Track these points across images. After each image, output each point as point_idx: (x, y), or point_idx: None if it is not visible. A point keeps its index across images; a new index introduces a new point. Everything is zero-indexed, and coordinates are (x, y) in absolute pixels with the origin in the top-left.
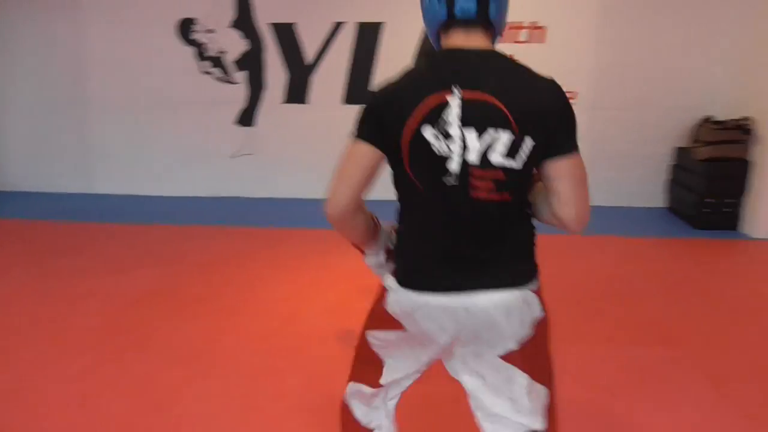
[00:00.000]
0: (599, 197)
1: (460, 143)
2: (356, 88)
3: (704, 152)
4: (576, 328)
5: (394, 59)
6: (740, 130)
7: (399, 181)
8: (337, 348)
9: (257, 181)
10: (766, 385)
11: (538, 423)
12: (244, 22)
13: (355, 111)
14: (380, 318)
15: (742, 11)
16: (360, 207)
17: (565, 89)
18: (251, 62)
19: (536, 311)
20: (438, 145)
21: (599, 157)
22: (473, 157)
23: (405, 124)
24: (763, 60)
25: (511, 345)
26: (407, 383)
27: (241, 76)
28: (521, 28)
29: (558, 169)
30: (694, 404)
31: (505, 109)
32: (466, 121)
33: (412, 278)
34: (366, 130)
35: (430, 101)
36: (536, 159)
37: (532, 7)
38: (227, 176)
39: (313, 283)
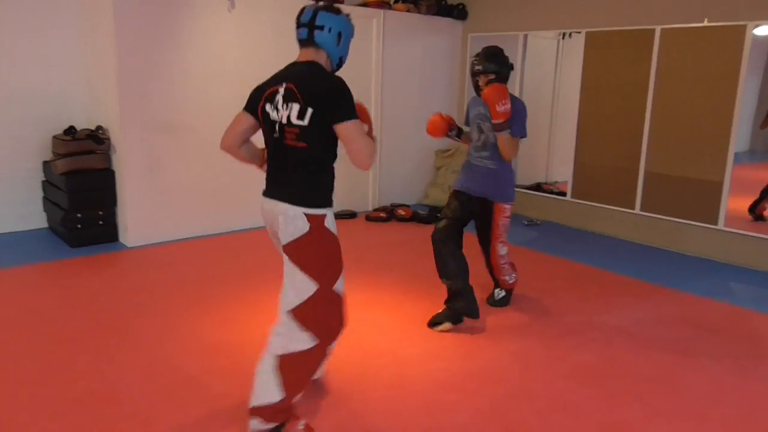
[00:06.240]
0: None
1: (280, 112)
2: None
3: (62, 165)
4: None
5: None
6: (93, 140)
7: (263, 134)
8: None
9: None
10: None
11: (296, 301)
12: None
13: None
14: None
15: (84, 32)
16: (239, 146)
17: None
18: None
19: (300, 225)
20: (272, 113)
21: None
22: (284, 120)
23: (259, 101)
24: (104, 73)
25: (286, 239)
26: None
27: None
28: None
29: (338, 132)
30: None
31: (297, 92)
32: (284, 100)
33: (264, 189)
34: (246, 105)
35: (271, 90)
36: (319, 121)
37: None
38: None
39: None
